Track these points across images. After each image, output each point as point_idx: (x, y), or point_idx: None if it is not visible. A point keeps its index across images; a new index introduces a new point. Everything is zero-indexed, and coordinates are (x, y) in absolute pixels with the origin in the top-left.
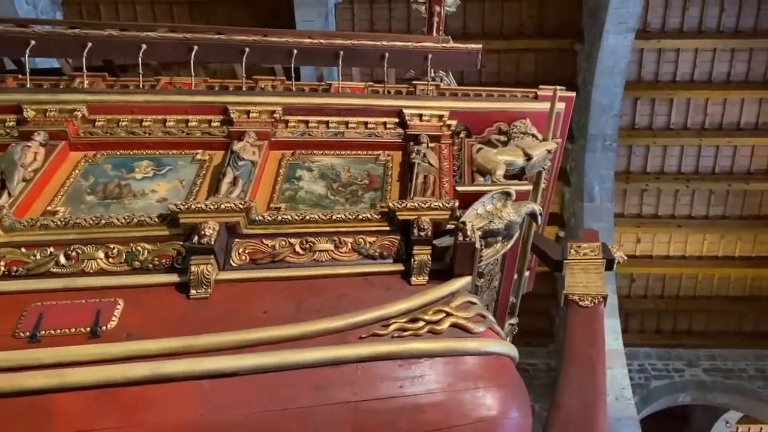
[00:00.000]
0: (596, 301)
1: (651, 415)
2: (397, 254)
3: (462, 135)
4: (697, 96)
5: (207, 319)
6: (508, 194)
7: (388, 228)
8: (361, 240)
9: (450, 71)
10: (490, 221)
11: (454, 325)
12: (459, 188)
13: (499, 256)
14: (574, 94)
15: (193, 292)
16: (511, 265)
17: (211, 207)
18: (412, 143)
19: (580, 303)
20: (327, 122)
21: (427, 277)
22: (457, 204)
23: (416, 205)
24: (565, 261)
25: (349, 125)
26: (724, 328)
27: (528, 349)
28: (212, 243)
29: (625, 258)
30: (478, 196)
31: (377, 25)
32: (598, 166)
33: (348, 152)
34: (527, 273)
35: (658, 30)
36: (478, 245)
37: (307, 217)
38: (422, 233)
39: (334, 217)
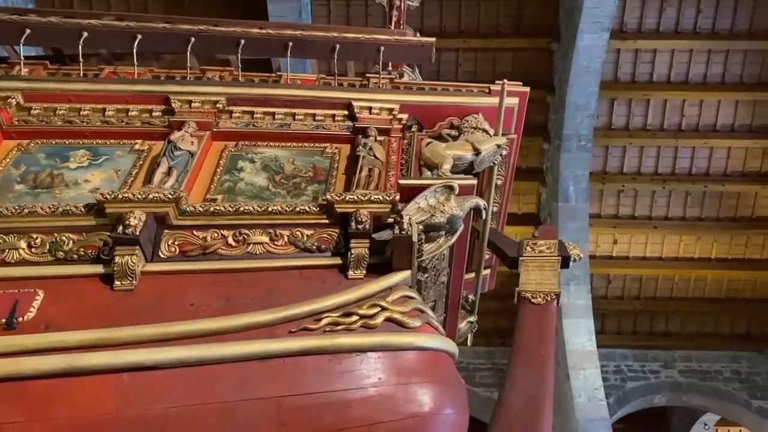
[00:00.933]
0: (549, 299)
1: (630, 418)
2: (335, 248)
3: (413, 129)
4: (674, 97)
5: (130, 311)
6: (451, 188)
7: (327, 221)
8: (298, 233)
9: (416, 66)
10: (432, 215)
11: (389, 320)
12: (401, 181)
13: (445, 251)
14: (527, 89)
15: (117, 283)
16: (460, 261)
17: (139, 197)
18: (360, 136)
19: (533, 300)
20: (273, 114)
21: (365, 272)
22: (398, 197)
23: (356, 197)
24: (520, 258)
25: (296, 117)
26: (700, 330)
27: (504, 350)
28: (137, 233)
29: (581, 256)
30: (421, 189)
31: (354, 21)
32: (573, 167)
33: (294, 144)
34: (488, 271)
35: (634, 30)
36: (415, 238)
37: (242, 209)
38: (360, 226)
39: (270, 209)
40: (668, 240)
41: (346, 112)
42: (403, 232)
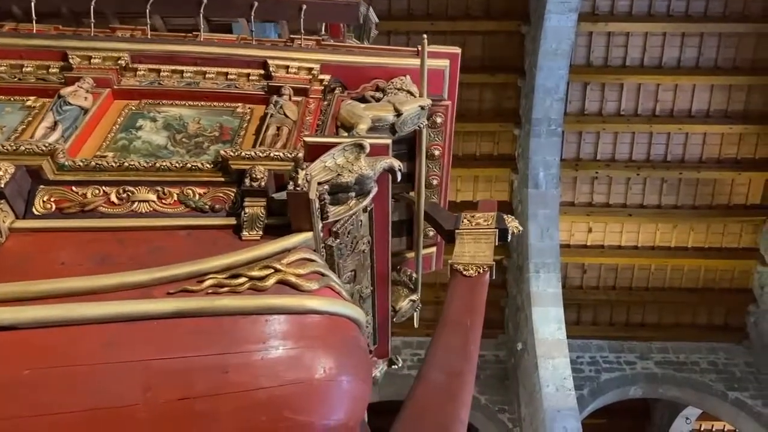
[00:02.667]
0: (481, 271)
1: (611, 413)
2: (231, 208)
3: (337, 92)
4: (648, 81)
5: None
6: (361, 147)
7: (222, 179)
8: (189, 191)
9: (366, 41)
10: (339, 174)
11: (282, 282)
12: (307, 138)
13: (361, 217)
14: (459, 50)
15: None
16: (382, 230)
17: (9, 148)
18: (274, 96)
19: (464, 272)
20: (182, 72)
21: (261, 232)
22: (301, 154)
23: (253, 153)
24: (456, 231)
25: (207, 76)
26: (678, 321)
27: None
28: (2, 186)
29: (521, 228)
30: (329, 148)
31: None
32: (543, 152)
33: (202, 104)
34: (433, 249)
35: (606, 13)
36: (313, 196)
37: (126, 164)
38: (255, 183)
39: (158, 165)
40: (644, 228)
41: (262, 72)
42: (298, 189)
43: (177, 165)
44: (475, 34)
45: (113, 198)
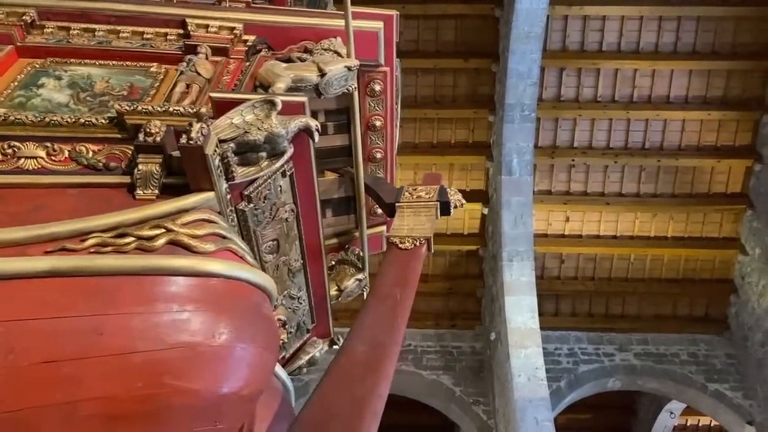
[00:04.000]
0: (417, 243)
1: (596, 408)
2: (128, 167)
3: (262, 53)
4: (625, 66)
5: None
6: (272, 103)
7: (119, 136)
8: (82, 148)
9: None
10: (247, 132)
11: (173, 243)
12: (213, 94)
13: (280, 182)
14: (396, 12)
15: None
16: (308, 198)
17: None
18: (189, 55)
19: (400, 245)
20: (94, 30)
21: (157, 192)
22: (204, 109)
23: (150, 108)
24: (396, 204)
25: (121, 35)
26: (658, 312)
27: (453, 332)
28: None
29: (464, 202)
30: (238, 104)
31: None
32: (516, 138)
33: (114, 63)
34: (383, 228)
35: None
36: (209, 151)
37: (12, 118)
38: (150, 138)
39: (48, 119)
40: (623, 217)
41: (181, 31)
42: (192, 142)
43: (69, 120)
44: (448, 18)
45: None
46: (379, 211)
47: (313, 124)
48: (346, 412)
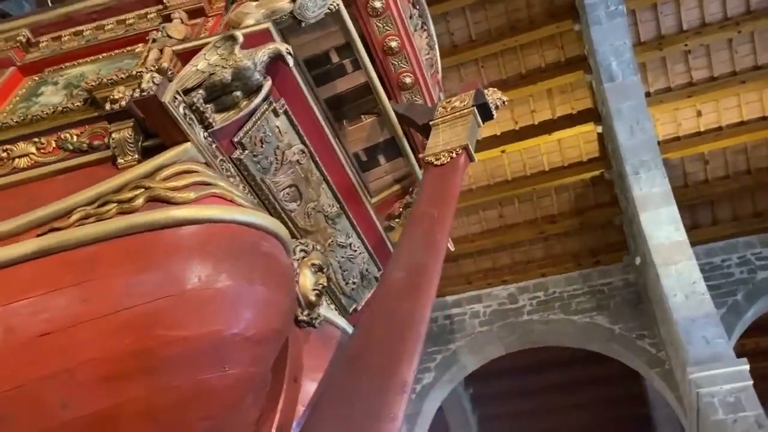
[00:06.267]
0: (454, 155)
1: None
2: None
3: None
4: None
5: None
6: (232, 38)
7: (96, 114)
8: (66, 135)
9: None
10: (212, 74)
11: (153, 199)
12: (174, 48)
13: (275, 122)
14: None
15: None
16: (316, 134)
17: None
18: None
19: (436, 162)
20: (81, 32)
21: (138, 156)
22: (166, 64)
23: (114, 77)
24: (431, 122)
25: (106, 28)
26: None
27: (599, 269)
28: None
29: (505, 99)
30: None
31: None
32: (608, 39)
33: (104, 56)
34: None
35: None
36: (167, 98)
37: (1, 125)
38: (115, 105)
39: (29, 117)
40: (767, 94)
41: (160, 7)
42: (144, 94)
43: (48, 112)
44: None
45: None
46: None
47: (283, 48)
48: (387, 339)
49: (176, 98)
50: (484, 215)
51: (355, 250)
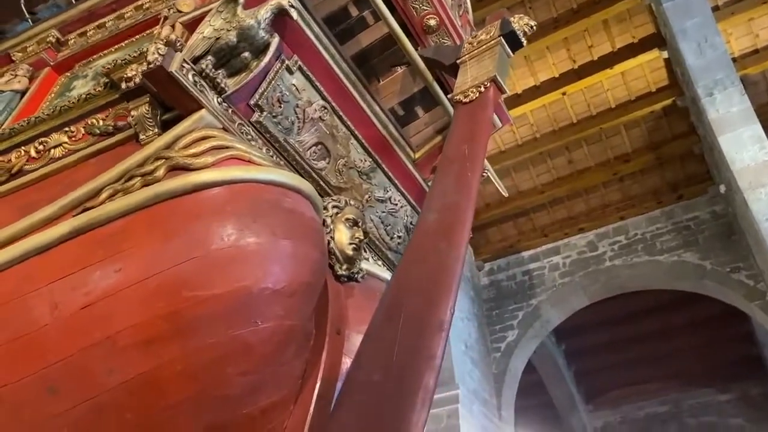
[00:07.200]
0: (482, 89)
1: None
2: None
3: None
4: None
5: None
6: (234, 0)
7: (117, 96)
8: (93, 121)
9: None
10: (218, 38)
11: (174, 168)
12: (179, 20)
13: (291, 80)
14: None
15: None
16: (335, 88)
17: None
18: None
19: (464, 100)
20: (104, 24)
21: (158, 130)
22: (174, 36)
23: (127, 57)
24: (458, 60)
25: (126, 16)
26: None
27: (683, 204)
28: None
29: (533, 24)
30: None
31: None
32: None
33: (125, 43)
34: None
35: None
36: (173, 68)
37: (33, 119)
38: (129, 84)
39: (59, 109)
40: None
41: None
42: (151, 66)
43: (74, 101)
44: None
45: (33, 154)
46: None
47: (285, 1)
48: (423, 280)
49: (184, 66)
50: (553, 163)
51: (396, 204)
